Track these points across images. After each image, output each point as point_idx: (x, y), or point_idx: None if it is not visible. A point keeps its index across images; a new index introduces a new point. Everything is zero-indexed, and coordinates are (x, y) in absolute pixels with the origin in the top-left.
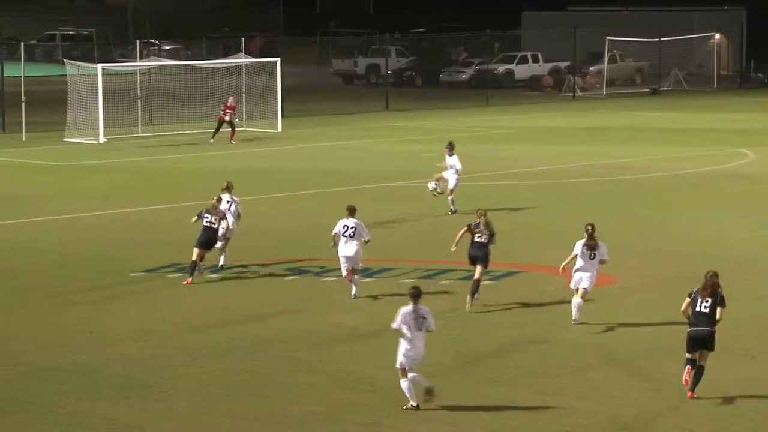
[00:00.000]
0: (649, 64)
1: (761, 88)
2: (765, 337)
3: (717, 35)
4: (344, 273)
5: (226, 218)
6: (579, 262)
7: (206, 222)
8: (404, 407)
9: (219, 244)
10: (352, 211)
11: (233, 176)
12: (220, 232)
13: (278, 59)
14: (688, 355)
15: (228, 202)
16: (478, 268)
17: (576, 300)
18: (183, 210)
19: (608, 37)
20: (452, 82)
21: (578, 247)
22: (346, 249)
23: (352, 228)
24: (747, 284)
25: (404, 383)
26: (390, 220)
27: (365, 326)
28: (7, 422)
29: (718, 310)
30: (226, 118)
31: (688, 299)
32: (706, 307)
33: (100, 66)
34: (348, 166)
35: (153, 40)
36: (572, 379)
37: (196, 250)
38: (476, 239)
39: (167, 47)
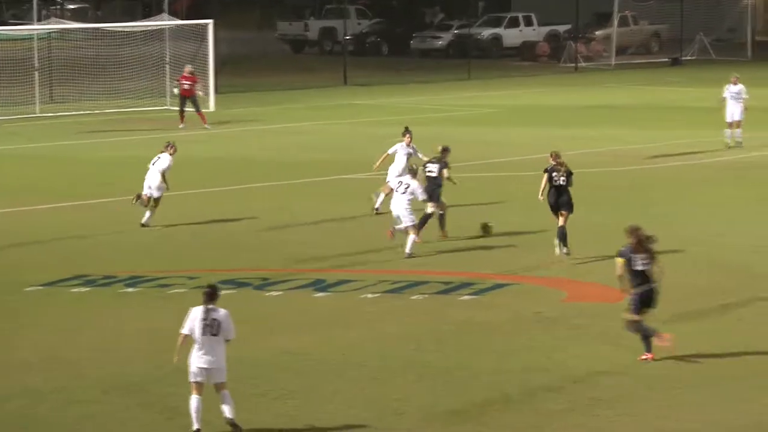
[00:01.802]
0: (669, 28)
1: None
2: None
3: None
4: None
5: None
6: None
7: None
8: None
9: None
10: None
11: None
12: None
13: (210, 21)
14: (635, 317)
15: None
16: (562, 216)
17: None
18: (91, 209)
19: None
20: (426, 50)
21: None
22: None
23: (406, 185)
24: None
25: (193, 401)
26: (348, 221)
27: (318, 352)
28: None
29: (654, 263)
30: (197, 90)
31: (620, 260)
32: (644, 265)
33: None
34: (297, 155)
35: None
36: (575, 417)
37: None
38: (554, 183)
39: (72, 6)
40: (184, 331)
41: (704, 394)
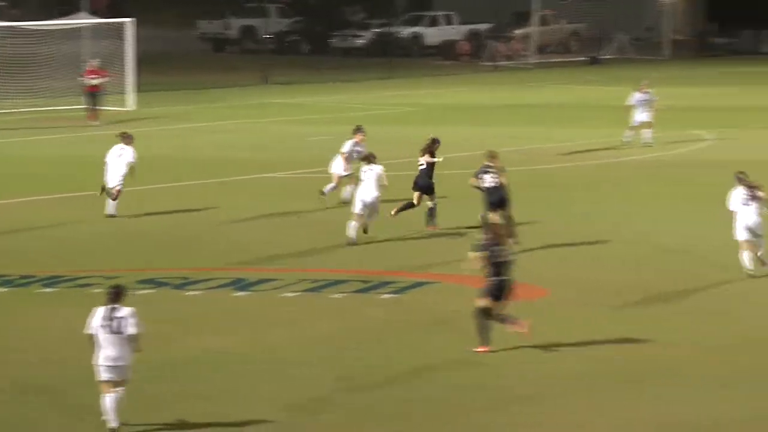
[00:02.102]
0: (587, 27)
1: (724, 56)
2: (735, 361)
3: None
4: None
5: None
6: None
7: None
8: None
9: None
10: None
11: (72, 166)
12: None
13: (130, 20)
14: (485, 304)
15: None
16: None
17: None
18: (7, 208)
19: None
20: (347, 48)
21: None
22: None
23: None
24: (709, 296)
25: (106, 400)
26: (269, 220)
27: (238, 351)
28: None
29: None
30: (105, 81)
31: (480, 252)
32: (503, 256)
33: None
34: (217, 153)
35: None
36: (498, 415)
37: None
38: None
39: None
40: (88, 331)
41: (625, 393)
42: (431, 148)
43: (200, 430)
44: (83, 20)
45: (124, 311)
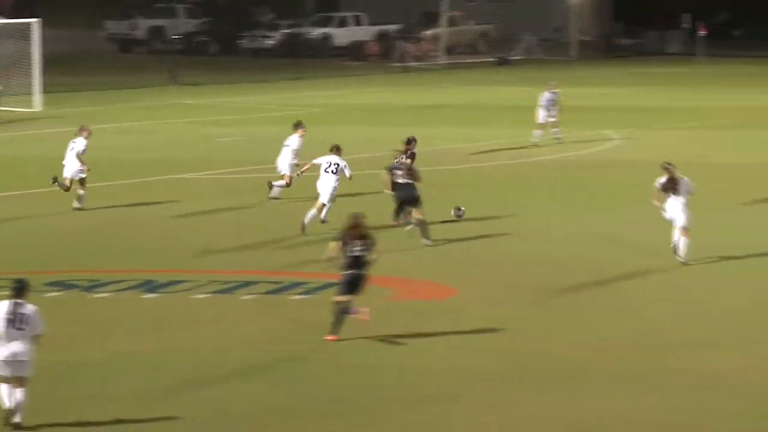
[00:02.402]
0: (496, 28)
1: (630, 57)
2: (637, 359)
3: None
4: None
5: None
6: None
7: None
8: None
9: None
10: (338, 149)
11: None
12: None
13: (37, 20)
14: (342, 298)
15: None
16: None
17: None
18: None
19: None
20: (256, 49)
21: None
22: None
23: (335, 164)
24: (614, 294)
25: (3, 387)
26: (180, 221)
27: (147, 353)
28: None
29: (370, 249)
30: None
31: (333, 243)
32: (359, 251)
33: None
34: (125, 154)
35: None
36: (406, 415)
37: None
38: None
39: None
40: None
41: (527, 392)
42: (409, 148)
43: (105, 430)
44: None
45: (29, 308)
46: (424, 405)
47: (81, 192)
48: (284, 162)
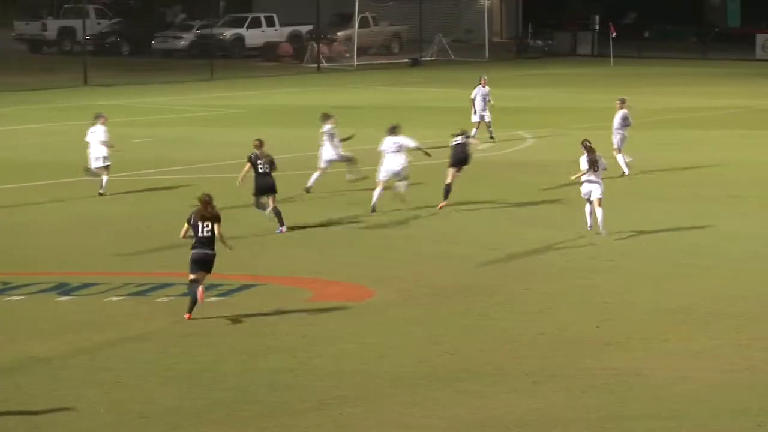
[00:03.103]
0: (409, 29)
1: (541, 58)
2: (550, 358)
3: None
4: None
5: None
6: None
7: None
8: None
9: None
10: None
11: None
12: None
13: None
14: (192, 276)
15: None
16: (270, 199)
17: (587, 207)
18: None
19: None
20: (168, 50)
21: (583, 162)
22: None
23: (397, 144)
24: (528, 294)
25: None
26: (90, 224)
27: (61, 357)
28: None
29: (216, 228)
30: None
31: (186, 225)
32: (207, 231)
33: None
34: (34, 156)
35: None
36: (322, 416)
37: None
38: (260, 170)
39: None
40: None
41: (444, 391)
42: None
43: None
44: None
45: None
46: (337, 406)
47: (104, 178)
48: (329, 153)
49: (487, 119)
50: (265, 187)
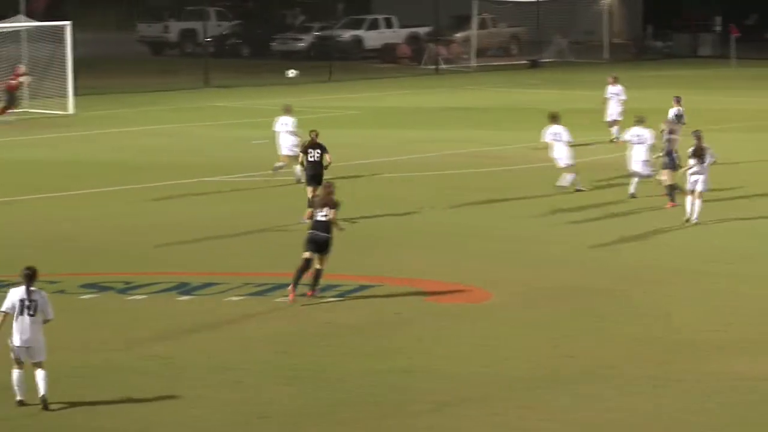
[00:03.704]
0: (527, 31)
1: (661, 60)
2: (671, 362)
3: None
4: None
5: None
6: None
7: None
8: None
9: None
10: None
11: (5, 170)
12: None
13: (68, 23)
14: (305, 255)
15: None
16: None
17: (688, 198)
18: None
19: None
20: (287, 52)
21: (690, 153)
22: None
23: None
24: (647, 296)
25: (14, 375)
26: (209, 224)
27: (181, 356)
28: None
29: (332, 213)
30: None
31: (309, 210)
32: (323, 216)
33: None
34: (156, 157)
35: None
36: (440, 417)
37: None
38: (309, 159)
39: None
40: (4, 309)
41: (563, 394)
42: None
43: None
44: (21, 23)
45: (40, 294)
46: (460, 408)
47: (568, 176)
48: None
49: (612, 118)
50: (312, 175)
